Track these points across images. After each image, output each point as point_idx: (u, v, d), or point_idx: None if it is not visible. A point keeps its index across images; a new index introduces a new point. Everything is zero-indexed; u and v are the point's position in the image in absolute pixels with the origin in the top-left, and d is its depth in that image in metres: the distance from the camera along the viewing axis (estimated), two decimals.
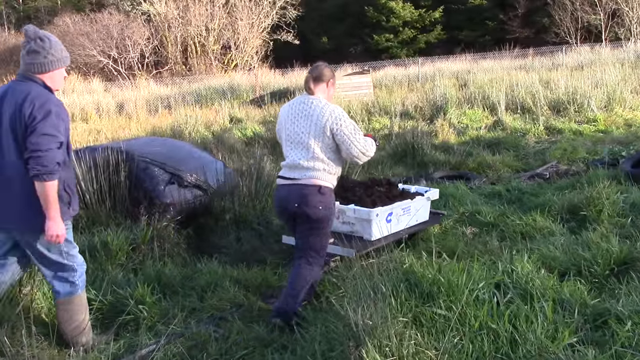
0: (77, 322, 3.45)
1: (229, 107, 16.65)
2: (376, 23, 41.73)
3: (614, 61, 19.27)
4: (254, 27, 35.56)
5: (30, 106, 3.16)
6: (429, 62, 26.23)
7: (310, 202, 3.68)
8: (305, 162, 3.73)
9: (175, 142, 7.25)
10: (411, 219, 4.91)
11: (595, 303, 3.44)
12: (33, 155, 3.12)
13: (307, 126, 3.75)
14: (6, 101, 3.24)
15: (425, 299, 3.24)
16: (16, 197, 3.22)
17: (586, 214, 5.23)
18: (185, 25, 34.18)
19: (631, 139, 9.14)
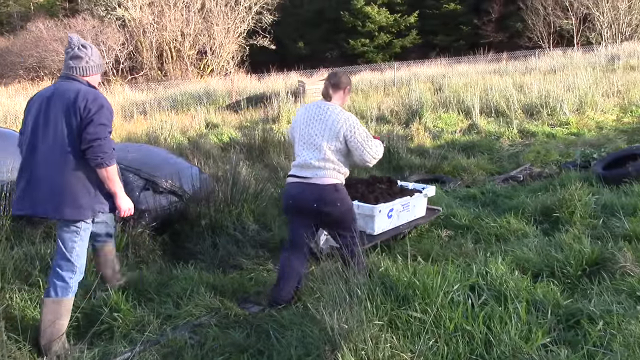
0: (58, 326, 3.53)
1: (205, 112, 16.57)
2: (352, 28, 41.92)
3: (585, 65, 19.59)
4: (229, 32, 35.48)
5: (83, 100, 3.49)
6: (404, 66, 26.39)
7: (329, 201, 3.96)
8: (317, 162, 3.96)
9: (150, 148, 7.20)
10: (410, 215, 5.20)
11: (568, 303, 3.48)
12: (93, 144, 3.44)
13: (322, 129, 3.99)
14: (55, 97, 3.57)
15: (401, 302, 3.26)
16: (60, 189, 3.49)
17: (559, 216, 5.30)
18: (161, 30, 33.99)
19: (602, 142, 9.28)
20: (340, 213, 3.99)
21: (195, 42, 35.20)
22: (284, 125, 12.77)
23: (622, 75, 16.37)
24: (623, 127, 10.57)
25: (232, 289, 4.24)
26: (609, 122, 11.29)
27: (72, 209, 3.50)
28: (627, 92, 13.46)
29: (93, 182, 3.55)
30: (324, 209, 3.94)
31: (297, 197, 4.03)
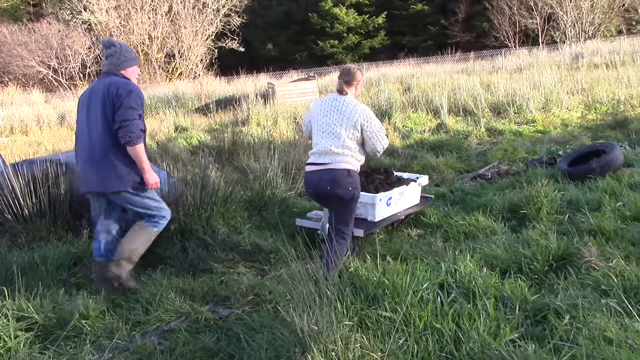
0: (134, 246, 4.34)
1: (173, 116, 16.46)
2: (321, 29, 42.02)
3: (550, 63, 19.94)
4: (198, 35, 35.27)
5: (115, 88, 4.14)
6: (373, 67, 26.57)
7: (341, 184, 4.19)
8: (336, 148, 4.23)
9: None
10: (406, 202, 5.58)
11: (535, 299, 3.53)
12: (122, 124, 4.07)
13: (339, 119, 4.27)
14: (94, 92, 4.26)
15: (371, 302, 3.27)
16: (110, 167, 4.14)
17: (526, 213, 5.37)
18: (128, 34, 33.62)
19: (568, 138, 9.43)
20: (350, 197, 4.21)
21: (163, 46, 34.91)
22: (254, 128, 12.73)
23: (586, 73, 16.68)
24: (587, 124, 10.75)
25: (202, 293, 4.20)
26: (573, 119, 11.48)
27: (116, 182, 4.15)
28: (591, 90, 13.71)
29: (128, 159, 4.16)
30: (337, 191, 4.17)
31: (315, 183, 4.30)
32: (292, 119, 13.15)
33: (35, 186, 5.27)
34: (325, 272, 3.76)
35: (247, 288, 4.11)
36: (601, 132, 9.57)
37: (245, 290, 4.08)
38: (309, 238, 4.42)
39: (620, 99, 12.38)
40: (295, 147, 9.37)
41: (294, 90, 17.61)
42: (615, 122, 9.95)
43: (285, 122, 12.65)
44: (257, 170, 7.73)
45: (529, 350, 2.90)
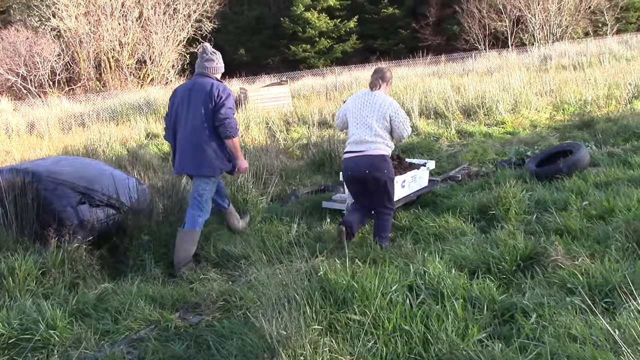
0: (186, 252, 4.96)
1: (145, 122, 16.31)
2: (293, 34, 42.09)
3: (520, 65, 20.20)
4: (169, 40, 35.06)
5: (216, 90, 5.00)
6: (346, 71, 26.66)
7: (379, 168, 4.99)
8: (370, 137, 5.02)
9: (86, 161, 7.03)
10: (417, 185, 6.24)
11: (503, 298, 3.56)
12: (224, 122, 4.95)
13: (372, 112, 5.06)
14: (195, 88, 5.10)
15: (340, 305, 3.28)
16: (206, 154, 5.00)
17: (495, 213, 5.42)
18: (98, 40, 33.29)
19: (536, 139, 9.55)
20: (387, 179, 5.03)
21: (134, 52, 34.62)
22: None
23: (554, 74, 16.94)
24: (555, 125, 10.90)
25: (172, 300, 4.18)
26: (542, 120, 11.63)
27: (208, 168, 5.01)
28: (559, 91, 13.90)
29: (221, 149, 5.05)
30: (375, 174, 4.98)
31: (354, 168, 5.08)
32: (265, 123, 13.13)
33: (0, 196, 5.18)
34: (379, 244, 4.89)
35: (218, 294, 4.09)
36: (569, 133, 9.71)
37: (215, 297, 4.06)
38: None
39: (587, 100, 12.57)
40: (267, 152, 9.37)
41: (267, 95, 17.57)
42: (582, 122, 10.11)
43: (257, 127, 12.62)
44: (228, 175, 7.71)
45: (496, 350, 2.93)
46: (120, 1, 33.61)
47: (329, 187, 7.49)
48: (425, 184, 6.45)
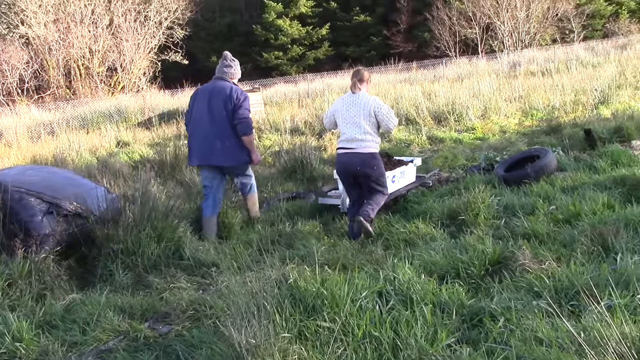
0: (256, 207, 6.44)
1: (115, 130, 16.16)
2: (265, 41, 42.09)
3: (489, 72, 20.45)
4: (140, 48, 34.82)
5: (235, 93, 5.92)
6: (318, 77, 26.72)
7: (369, 164, 5.58)
8: (360, 135, 5.56)
9: (54, 170, 6.93)
10: (406, 180, 6.82)
11: (472, 303, 3.59)
12: (242, 121, 5.89)
13: (359, 111, 5.58)
14: (216, 91, 6.00)
15: (310, 312, 3.28)
16: (227, 147, 5.91)
17: (464, 218, 5.47)
18: (67, 47, 32.91)
19: (505, 145, 9.68)
20: (377, 175, 5.64)
21: (104, 59, 34.30)
22: None
23: (523, 80, 17.18)
24: (524, 131, 11.06)
25: (142, 310, 4.13)
26: (511, 125, 11.80)
27: (237, 157, 6.00)
28: (528, 97, 14.12)
29: (240, 144, 5.97)
30: (365, 170, 5.58)
31: (346, 163, 5.67)
32: None
33: None
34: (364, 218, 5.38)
35: (188, 303, 4.05)
36: (537, 138, 9.86)
37: (185, 306, 4.02)
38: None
39: (555, 106, 12.79)
40: None
41: None
42: (550, 128, 10.27)
43: None
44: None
45: (464, 354, 2.95)
46: (90, 8, 33.31)
47: (300, 195, 7.50)
48: (413, 179, 7.06)
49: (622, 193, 5.71)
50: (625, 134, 8.84)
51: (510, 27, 32.77)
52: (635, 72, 16.51)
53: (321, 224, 6.06)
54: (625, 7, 39.18)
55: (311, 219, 6.30)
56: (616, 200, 5.46)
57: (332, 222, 6.28)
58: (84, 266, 5.14)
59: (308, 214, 6.60)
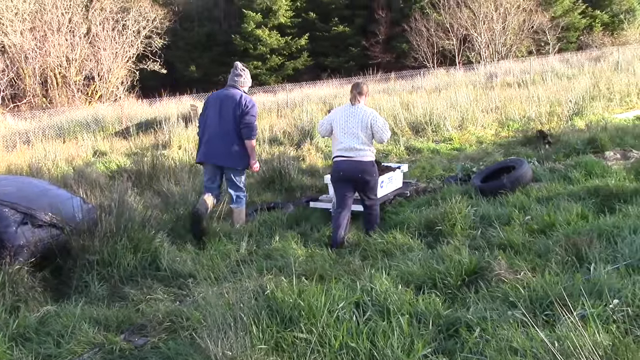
0: (241, 220, 6.64)
1: (92, 140, 16.02)
2: (244, 51, 42.10)
3: (467, 83, 20.66)
4: (118, 57, 34.58)
5: (244, 100, 6.49)
6: (297, 87, 26.76)
7: (368, 172, 5.97)
8: (358, 145, 5.91)
9: (29, 180, 6.85)
10: (393, 185, 7.27)
11: (448, 313, 3.60)
12: (247, 126, 6.45)
13: (356, 123, 5.95)
14: (227, 97, 6.59)
15: (287, 324, 3.27)
16: (230, 149, 6.47)
17: (441, 229, 5.51)
18: (44, 56, 32.57)
19: (482, 155, 9.78)
20: (374, 181, 6.06)
21: (81, 68, 34.00)
22: (175, 151, 12.56)
23: (499, 92, 17.39)
24: (500, 141, 11.19)
25: (117, 322, 4.09)
26: (488, 136, 11.93)
27: (236, 161, 6.54)
28: (504, 108, 14.29)
29: (244, 149, 6.53)
30: (366, 177, 5.94)
31: (346, 170, 5.96)
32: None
33: None
34: (367, 230, 5.97)
35: (164, 315, 4.01)
36: (513, 149, 9.98)
37: (161, 318, 3.99)
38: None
39: (530, 117, 12.96)
40: None
41: None
42: (525, 138, 10.40)
43: None
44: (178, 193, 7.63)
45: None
46: (67, 17, 33.04)
47: (278, 205, 7.49)
48: (400, 185, 7.48)
49: (595, 203, 5.79)
50: (599, 145, 8.99)
51: (487, 38, 33.16)
52: (609, 84, 16.80)
53: (299, 234, 6.07)
54: (599, 20, 39.89)
55: (289, 229, 6.30)
56: (590, 210, 5.54)
57: (311, 232, 6.29)
58: (59, 277, 5.08)
59: (286, 224, 6.60)
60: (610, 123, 11.33)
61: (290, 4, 43.74)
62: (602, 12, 40.24)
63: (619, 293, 3.44)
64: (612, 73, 20.30)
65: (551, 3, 37.93)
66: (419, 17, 35.22)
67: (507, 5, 32.75)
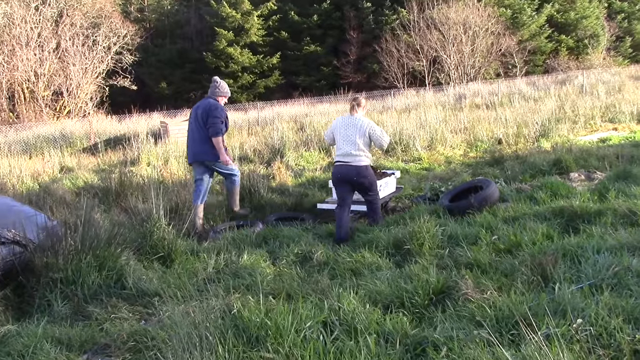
0: (236, 199, 8.01)
1: (59, 155, 15.78)
2: (215, 68, 42.00)
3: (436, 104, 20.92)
4: (87, 72, 34.19)
5: (213, 106, 7.64)
6: (268, 106, 26.76)
7: (364, 175, 6.74)
8: (355, 151, 6.71)
9: None
10: (388, 189, 7.86)
11: (415, 332, 3.61)
12: (210, 125, 7.50)
13: (355, 131, 6.75)
14: (202, 105, 7.73)
15: (253, 343, 3.25)
16: (206, 147, 7.59)
17: (409, 248, 5.53)
18: (12, 70, 32.06)
19: (450, 175, 9.88)
20: (369, 183, 6.81)
21: (50, 83, 33.52)
22: (144, 168, 12.44)
23: (468, 112, 17.65)
24: (469, 162, 11.32)
25: (80, 341, 4.00)
26: (456, 156, 12.06)
27: (210, 156, 7.64)
28: (473, 129, 14.49)
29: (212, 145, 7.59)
30: (360, 180, 6.72)
31: (344, 173, 6.77)
32: (185, 158, 12.96)
33: None
34: (370, 223, 6.91)
35: (128, 334, 3.94)
36: (480, 169, 10.10)
37: (126, 337, 3.92)
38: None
39: (498, 137, 13.15)
40: (186, 186, 9.24)
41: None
42: (493, 159, 10.55)
43: (177, 162, 12.47)
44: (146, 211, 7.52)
45: None
46: (36, 31, 32.63)
47: (247, 223, 7.46)
48: (394, 189, 8.10)
49: (560, 223, 5.89)
50: (564, 166, 9.16)
51: (456, 60, 33.65)
52: (574, 107, 17.17)
53: (268, 253, 6.03)
54: (565, 44, 40.87)
55: (258, 248, 6.26)
56: (555, 230, 5.63)
57: (280, 250, 6.26)
58: (21, 296, 4.96)
59: (255, 242, 6.56)
60: (575, 145, 11.56)
61: (262, 23, 43.90)
62: (568, 36, 41.26)
63: (583, 312, 3.48)
64: (577, 96, 20.78)
65: (518, 27, 38.75)
66: (390, 38, 35.60)
67: (476, 29, 33.31)
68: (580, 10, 41.51)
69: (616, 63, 39.11)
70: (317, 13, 43.19)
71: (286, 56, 43.02)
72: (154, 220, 6.21)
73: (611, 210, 5.94)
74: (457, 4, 34.06)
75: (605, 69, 31.48)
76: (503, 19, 36.19)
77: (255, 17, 43.25)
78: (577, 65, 36.75)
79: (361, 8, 41.16)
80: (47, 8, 33.62)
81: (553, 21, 41.49)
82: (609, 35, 41.59)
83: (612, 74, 28.67)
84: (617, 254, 4.53)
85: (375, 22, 40.14)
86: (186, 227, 6.91)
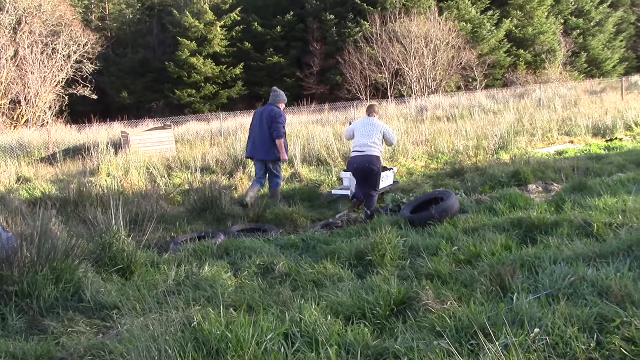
0: (276, 197, 9.38)
1: (16, 165, 15.41)
2: (177, 78, 41.79)
3: (398, 115, 21.11)
4: (46, 80, 33.57)
5: (276, 112, 9.38)
6: (231, 116, 26.65)
7: (374, 162, 8.21)
8: (370, 143, 8.25)
9: None
10: (387, 182, 9.43)
11: (376, 343, 3.61)
12: (275, 128, 9.22)
13: (372, 128, 8.40)
14: (266, 111, 9.52)
15: (214, 356, 3.21)
16: (266, 148, 9.32)
17: (371, 259, 5.55)
18: None
19: (412, 187, 9.97)
20: (377, 171, 8.27)
21: (7, 91, 32.82)
22: (104, 178, 12.24)
23: (429, 125, 17.85)
24: (430, 173, 11.45)
25: (36, 356, 3.89)
26: (418, 168, 12.18)
27: (269, 155, 9.30)
28: (434, 141, 14.66)
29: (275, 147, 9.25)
30: (371, 166, 8.17)
31: (359, 162, 8.24)
32: (146, 168, 12.81)
33: None
34: (366, 213, 8.01)
35: (85, 348, 3.86)
36: (441, 181, 10.23)
37: (83, 351, 3.83)
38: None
39: (458, 149, 13.34)
40: (146, 197, 9.13)
41: (149, 139, 17.18)
42: (453, 170, 10.69)
43: (137, 172, 12.30)
44: (105, 222, 7.40)
45: None
46: None
47: (209, 234, 7.40)
48: (392, 182, 9.72)
49: (518, 234, 5.99)
50: (522, 177, 9.34)
51: (417, 73, 34.06)
52: (532, 120, 17.54)
53: (229, 264, 5.99)
54: (523, 58, 41.85)
55: (219, 259, 6.21)
56: (513, 241, 5.72)
57: (241, 261, 6.21)
58: None
59: (216, 254, 6.50)
60: (533, 157, 11.80)
61: (225, 33, 43.83)
62: (526, 51, 42.28)
63: (540, 322, 3.54)
64: (535, 109, 21.23)
65: (478, 41, 39.54)
66: (353, 51, 35.89)
67: (437, 42, 33.81)
68: (538, 25, 42.61)
69: (572, 77, 40.16)
70: (281, 24, 43.35)
71: (249, 67, 43.01)
72: (113, 231, 6.11)
73: (567, 222, 6.08)
74: (418, 18, 34.56)
75: (562, 83, 32.25)
76: (463, 33, 36.88)
77: (219, 27, 43.17)
78: (535, 79, 37.63)
79: (324, 20, 41.45)
80: (5, 15, 33.00)
81: (512, 36, 42.48)
82: (565, 50, 42.71)
83: (568, 88, 29.38)
84: (572, 264, 4.62)
85: (339, 35, 40.44)
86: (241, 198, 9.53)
